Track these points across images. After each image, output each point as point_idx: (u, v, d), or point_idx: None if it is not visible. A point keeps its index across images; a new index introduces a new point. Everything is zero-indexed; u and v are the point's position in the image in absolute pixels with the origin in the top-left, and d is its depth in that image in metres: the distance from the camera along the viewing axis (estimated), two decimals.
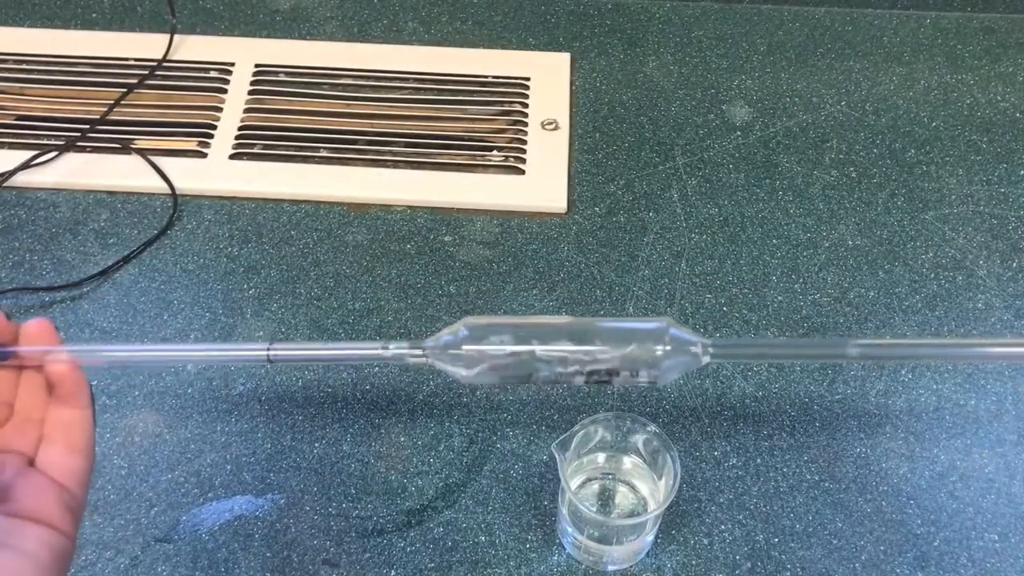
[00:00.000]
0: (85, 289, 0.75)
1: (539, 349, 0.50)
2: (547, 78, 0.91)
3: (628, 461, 0.63)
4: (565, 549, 0.62)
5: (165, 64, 0.91)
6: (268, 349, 0.51)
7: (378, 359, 0.51)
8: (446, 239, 0.79)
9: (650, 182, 0.83)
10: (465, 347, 0.50)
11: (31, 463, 0.44)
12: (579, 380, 0.51)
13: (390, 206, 0.81)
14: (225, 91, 0.89)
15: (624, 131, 0.87)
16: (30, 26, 0.94)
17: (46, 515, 0.42)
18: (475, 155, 0.85)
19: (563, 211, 0.81)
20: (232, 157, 0.84)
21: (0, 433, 0.45)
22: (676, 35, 0.96)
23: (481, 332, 0.51)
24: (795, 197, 0.82)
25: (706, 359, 0.51)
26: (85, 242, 0.78)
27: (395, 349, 0.51)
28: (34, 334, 0.46)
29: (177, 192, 0.81)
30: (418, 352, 0.51)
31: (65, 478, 0.44)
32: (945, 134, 0.87)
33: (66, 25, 0.95)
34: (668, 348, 0.50)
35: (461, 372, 0.51)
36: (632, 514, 0.62)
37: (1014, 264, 0.78)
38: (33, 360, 0.46)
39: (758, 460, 0.66)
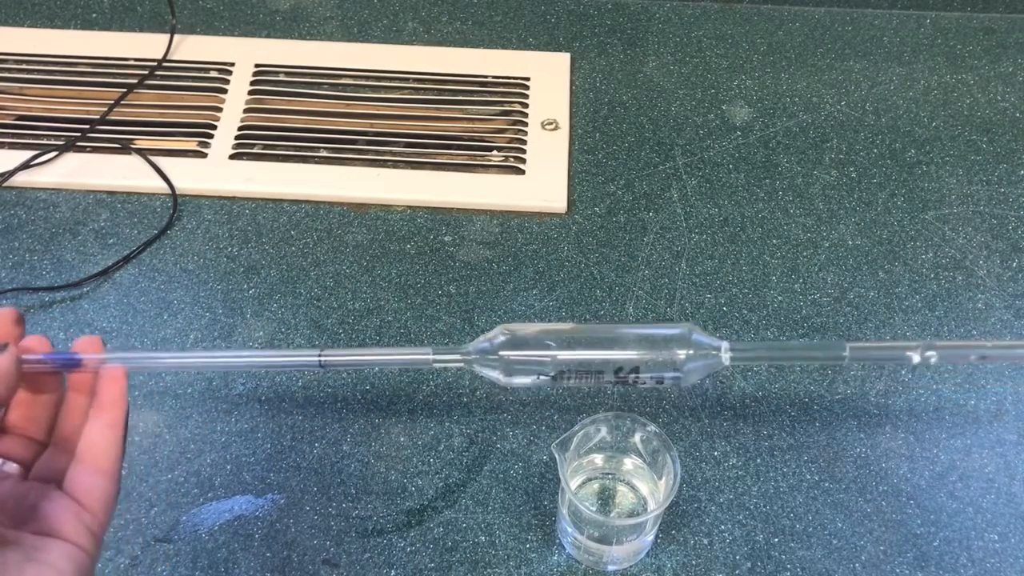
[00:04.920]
0: (85, 289, 0.75)
1: (568, 354, 0.55)
2: (547, 78, 0.91)
3: (628, 461, 0.63)
4: (565, 549, 0.62)
5: (165, 64, 0.91)
6: (320, 355, 0.54)
7: (424, 364, 0.56)
8: (446, 239, 0.79)
9: (650, 182, 0.83)
10: (501, 352, 0.55)
11: (59, 482, 0.46)
12: (607, 379, 0.55)
13: (390, 206, 0.81)
14: (225, 91, 0.89)
15: (624, 131, 0.87)
16: (30, 26, 0.94)
17: (68, 534, 0.43)
18: (475, 155, 0.85)
19: (563, 211, 0.81)
20: (232, 157, 0.84)
21: (41, 461, 0.47)
22: (676, 35, 0.96)
23: (516, 339, 0.55)
24: (795, 197, 0.82)
25: (726, 360, 0.55)
26: (85, 242, 0.78)
27: (436, 356, 0.55)
28: (86, 348, 0.49)
29: (177, 192, 0.81)
30: (457, 357, 0.55)
31: (88, 500, 0.45)
32: (945, 134, 0.87)
33: (66, 25, 0.95)
34: (691, 352, 0.54)
35: (499, 377, 0.55)
36: (632, 514, 0.62)
37: (1014, 264, 0.78)
38: (90, 367, 0.49)
39: (758, 460, 0.66)
